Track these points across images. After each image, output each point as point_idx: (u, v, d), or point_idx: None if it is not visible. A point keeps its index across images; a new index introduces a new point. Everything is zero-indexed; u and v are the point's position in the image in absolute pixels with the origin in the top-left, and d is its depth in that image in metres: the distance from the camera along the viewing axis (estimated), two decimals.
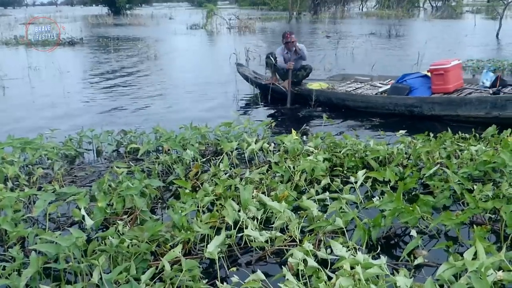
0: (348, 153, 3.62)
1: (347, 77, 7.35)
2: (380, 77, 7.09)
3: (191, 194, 2.83)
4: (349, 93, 6.21)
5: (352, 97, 5.97)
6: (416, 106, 5.35)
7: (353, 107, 5.87)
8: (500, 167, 3.07)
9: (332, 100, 6.08)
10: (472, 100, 5.05)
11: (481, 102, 4.97)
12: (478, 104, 4.98)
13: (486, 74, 5.85)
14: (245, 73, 7.40)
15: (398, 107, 5.48)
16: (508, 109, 4.79)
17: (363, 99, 5.86)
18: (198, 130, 4.24)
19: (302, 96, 6.33)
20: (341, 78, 7.34)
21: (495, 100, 4.90)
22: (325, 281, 1.95)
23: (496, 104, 4.86)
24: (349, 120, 5.59)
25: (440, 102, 5.25)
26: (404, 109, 5.44)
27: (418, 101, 5.37)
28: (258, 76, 7.48)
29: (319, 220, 2.55)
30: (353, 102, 5.89)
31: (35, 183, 3.39)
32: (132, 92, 7.80)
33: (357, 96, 6.01)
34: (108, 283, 2.01)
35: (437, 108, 5.23)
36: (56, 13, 35.45)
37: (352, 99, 5.93)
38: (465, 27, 20.37)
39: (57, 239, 2.15)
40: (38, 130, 4.76)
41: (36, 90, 8.30)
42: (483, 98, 5.02)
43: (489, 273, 1.86)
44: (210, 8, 24.05)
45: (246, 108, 6.53)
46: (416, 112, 5.36)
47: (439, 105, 5.22)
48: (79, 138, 4.39)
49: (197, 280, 2.09)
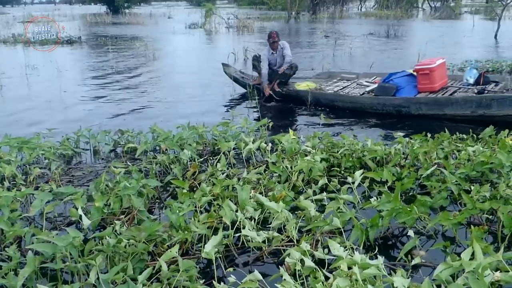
0: (345, 153, 3.62)
1: (333, 75, 7.35)
2: (366, 74, 7.12)
3: (189, 194, 2.82)
4: (337, 93, 6.23)
5: (341, 98, 6.00)
6: (403, 106, 5.44)
7: (342, 107, 5.90)
8: (497, 167, 3.08)
9: (321, 100, 6.08)
10: (458, 100, 5.16)
11: (467, 101, 5.07)
12: (463, 103, 5.08)
13: (470, 71, 5.95)
14: (232, 74, 7.30)
15: (386, 107, 5.56)
16: (493, 107, 4.91)
17: (351, 99, 5.91)
18: (195, 129, 4.23)
19: (291, 97, 6.34)
20: (327, 76, 7.34)
21: (480, 100, 5.00)
22: (322, 281, 1.95)
23: (481, 104, 4.97)
24: (345, 119, 5.60)
25: (426, 102, 5.35)
26: (392, 109, 5.52)
27: (405, 101, 5.46)
28: (246, 76, 7.42)
29: (317, 220, 2.55)
30: (342, 102, 5.92)
31: (32, 183, 3.38)
32: (129, 91, 7.78)
33: (345, 96, 6.04)
34: (105, 283, 2.01)
35: (423, 108, 5.33)
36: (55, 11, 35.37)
37: (340, 100, 5.96)
38: (463, 27, 20.39)
39: (54, 239, 2.15)
40: (35, 129, 4.74)
41: (34, 89, 8.28)
42: (468, 98, 5.13)
43: (486, 274, 1.86)
44: (209, 8, 23.98)
45: (242, 107, 6.51)
46: (404, 112, 5.45)
47: (425, 105, 5.32)
48: (76, 138, 4.38)
49: (194, 280, 2.09)
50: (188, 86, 8.10)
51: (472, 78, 5.86)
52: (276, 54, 6.67)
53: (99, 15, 30.27)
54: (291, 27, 23.24)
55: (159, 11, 37.33)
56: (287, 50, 6.59)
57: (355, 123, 5.45)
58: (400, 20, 24.47)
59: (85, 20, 28.62)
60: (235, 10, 29.00)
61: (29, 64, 10.28)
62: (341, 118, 5.61)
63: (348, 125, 5.38)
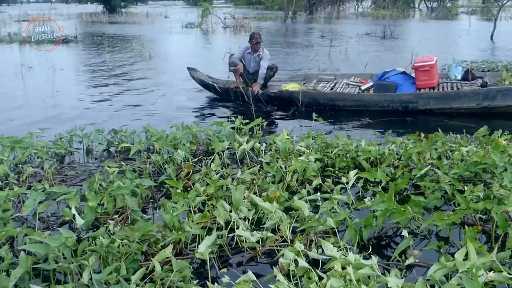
0: (339, 154, 3.62)
1: (309, 77, 7.19)
2: (343, 75, 7.07)
3: (183, 194, 2.81)
4: (340, 92, 6.21)
5: (343, 96, 5.97)
6: (412, 102, 5.56)
7: (343, 106, 5.88)
8: (490, 168, 3.09)
9: (319, 101, 5.99)
10: (467, 93, 5.40)
11: (475, 94, 5.37)
12: (471, 96, 5.37)
13: (456, 68, 6.32)
14: (200, 78, 7.01)
15: (393, 103, 5.63)
16: (497, 99, 5.30)
17: (355, 98, 5.89)
18: (189, 129, 4.22)
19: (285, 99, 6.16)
20: (303, 78, 7.13)
21: (488, 92, 5.35)
22: (316, 281, 1.95)
23: (488, 95, 5.32)
24: (338, 120, 5.61)
25: (436, 96, 5.52)
26: (399, 105, 5.61)
27: (414, 96, 5.59)
28: (214, 80, 7.08)
29: (311, 220, 2.54)
30: (343, 101, 5.89)
31: (25, 182, 3.36)
32: (124, 91, 7.76)
33: (348, 95, 6.02)
34: (98, 283, 2.00)
35: (432, 102, 5.48)
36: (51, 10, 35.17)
37: (343, 99, 5.93)
38: (460, 28, 20.44)
39: (47, 239, 2.13)
40: (28, 128, 4.71)
41: (28, 88, 8.24)
42: (476, 91, 5.43)
43: (480, 274, 1.87)
44: (206, 7, 23.94)
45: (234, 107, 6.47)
46: (410, 108, 5.57)
47: (434, 100, 5.49)
48: (69, 137, 4.35)
49: (188, 280, 2.08)
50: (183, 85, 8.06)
51: (459, 74, 6.21)
52: (254, 56, 6.46)
53: (96, 14, 30.13)
54: (287, 27, 23.25)
55: (156, 11, 37.20)
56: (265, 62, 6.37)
57: (350, 123, 5.46)
58: (396, 20, 24.48)
59: (82, 19, 28.53)
60: (232, 10, 28.91)
61: (24, 63, 10.22)
62: (335, 118, 5.62)
63: (342, 125, 5.40)
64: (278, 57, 11.05)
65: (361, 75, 6.95)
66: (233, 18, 23.37)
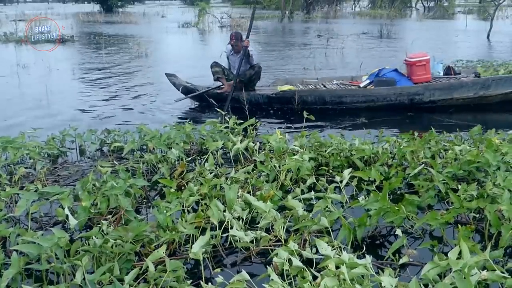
0: (333, 153, 3.62)
1: (291, 80, 6.99)
2: (323, 79, 6.95)
3: (176, 194, 2.80)
4: (349, 89, 6.21)
5: (353, 92, 5.98)
6: (419, 93, 5.86)
7: (350, 103, 5.91)
8: (484, 166, 3.09)
9: (326, 98, 5.93)
10: (468, 83, 5.88)
11: (474, 83, 5.86)
12: (471, 85, 5.84)
13: (437, 65, 6.77)
14: (182, 84, 6.52)
15: (401, 96, 5.88)
16: (491, 88, 5.80)
17: (364, 93, 5.94)
18: (183, 129, 4.20)
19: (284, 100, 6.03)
20: (284, 82, 6.86)
21: (485, 81, 5.85)
22: (310, 281, 1.94)
23: (485, 85, 5.81)
24: (332, 119, 5.62)
25: (441, 88, 5.88)
26: (407, 98, 5.88)
27: (422, 88, 5.89)
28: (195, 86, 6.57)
29: (304, 219, 2.54)
30: (351, 97, 5.91)
31: (17, 183, 3.34)
32: (119, 91, 7.73)
33: (358, 90, 6.05)
34: (91, 283, 1.99)
35: (437, 93, 5.84)
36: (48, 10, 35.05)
37: (351, 95, 5.93)
38: (456, 27, 20.50)
39: (39, 239, 2.12)
40: (20, 128, 4.68)
41: (23, 88, 8.19)
42: (475, 81, 5.93)
43: (473, 273, 1.87)
44: (203, 7, 23.93)
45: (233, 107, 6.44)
46: (416, 100, 5.86)
47: (439, 91, 5.85)
48: (62, 137, 4.32)
49: (182, 281, 2.08)
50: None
51: (441, 71, 6.70)
52: (238, 56, 6.21)
53: (92, 14, 30.05)
54: (284, 27, 23.24)
55: (153, 10, 37.17)
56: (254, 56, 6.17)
57: (343, 123, 5.47)
58: (393, 19, 24.54)
59: (78, 18, 28.43)
60: (229, 9, 28.89)
61: (20, 63, 10.19)
62: (329, 118, 5.64)
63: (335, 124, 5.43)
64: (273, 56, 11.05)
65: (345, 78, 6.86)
66: (230, 18, 23.34)
